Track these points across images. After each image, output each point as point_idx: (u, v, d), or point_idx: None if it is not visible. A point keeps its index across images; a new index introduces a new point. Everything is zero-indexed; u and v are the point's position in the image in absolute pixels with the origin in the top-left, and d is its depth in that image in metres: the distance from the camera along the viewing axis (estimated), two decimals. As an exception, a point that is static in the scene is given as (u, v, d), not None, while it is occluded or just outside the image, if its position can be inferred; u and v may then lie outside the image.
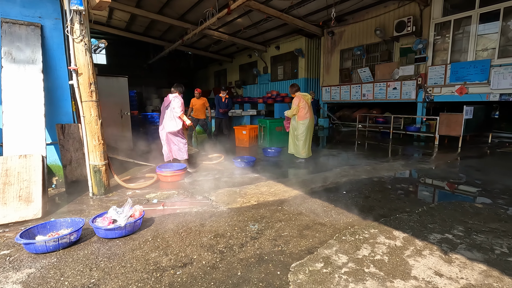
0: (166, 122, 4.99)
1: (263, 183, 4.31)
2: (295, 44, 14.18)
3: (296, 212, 3.15)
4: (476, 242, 2.44)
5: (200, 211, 3.26)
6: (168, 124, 4.98)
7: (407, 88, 9.76)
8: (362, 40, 11.18)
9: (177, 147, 5.11)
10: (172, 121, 4.97)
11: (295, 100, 5.47)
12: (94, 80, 3.64)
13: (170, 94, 5.09)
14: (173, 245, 2.45)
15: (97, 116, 3.70)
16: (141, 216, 2.79)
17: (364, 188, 4.00)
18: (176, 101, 4.94)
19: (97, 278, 2.00)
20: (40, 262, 2.21)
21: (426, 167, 5.26)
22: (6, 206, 2.99)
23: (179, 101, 4.96)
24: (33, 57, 3.66)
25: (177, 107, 4.89)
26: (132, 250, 2.37)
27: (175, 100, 4.94)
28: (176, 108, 4.89)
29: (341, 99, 12.30)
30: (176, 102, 4.92)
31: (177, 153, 5.14)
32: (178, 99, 4.97)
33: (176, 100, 4.95)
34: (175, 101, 4.94)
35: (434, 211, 3.14)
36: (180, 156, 5.13)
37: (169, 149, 5.16)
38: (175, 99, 4.96)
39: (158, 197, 3.78)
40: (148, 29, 15.71)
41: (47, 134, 3.99)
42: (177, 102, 4.93)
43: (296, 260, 2.20)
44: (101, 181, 3.80)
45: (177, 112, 4.90)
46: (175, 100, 4.94)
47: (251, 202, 3.50)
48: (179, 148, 5.11)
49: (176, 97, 4.99)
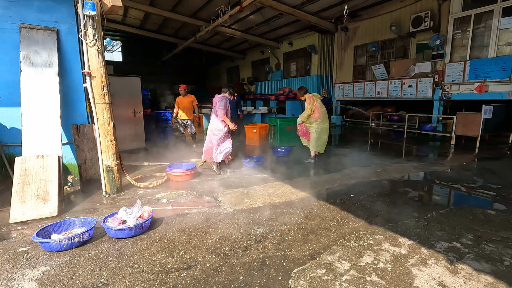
0: (212, 121, 5.03)
1: (271, 184, 4.34)
2: (308, 40, 14.00)
3: (302, 216, 3.16)
4: (485, 252, 2.39)
5: (207, 212, 3.33)
6: (213, 123, 5.01)
7: (423, 85, 9.48)
8: (376, 36, 10.91)
9: (216, 148, 5.04)
10: (216, 121, 4.97)
11: (308, 100, 5.43)
12: (106, 83, 3.75)
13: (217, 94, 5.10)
14: (179, 247, 2.52)
15: (110, 118, 3.82)
16: (150, 216, 2.88)
17: (372, 191, 3.95)
18: (220, 103, 4.88)
19: (106, 277, 2.10)
20: (54, 260, 2.33)
21: (439, 169, 5.13)
22: (25, 204, 3.16)
23: (223, 103, 4.90)
24: (50, 60, 3.80)
25: (219, 110, 4.85)
26: (140, 251, 2.46)
27: (219, 101, 4.91)
28: (219, 111, 4.85)
29: (354, 97, 12.09)
30: (219, 105, 4.87)
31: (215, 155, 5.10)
32: (223, 101, 4.92)
33: (220, 101, 4.90)
34: (219, 102, 4.89)
35: (443, 218, 3.07)
36: (215, 157, 5.07)
37: (209, 148, 5.12)
38: (220, 99, 4.93)
39: (167, 197, 3.88)
40: (161, 27, 15.92)
41: (63, 134, 4.16)
42: (220, 105, 4.87)
43: (298, 265, 2.23)
44: (113, 180, 3.94)
45: (220, 115, 4.86)
46: (219, 102, 4.90)
47: (257, 204, 3.54)
48: (219, 150, 5.05)
49: (222, 98, 4.95)
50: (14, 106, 3.80)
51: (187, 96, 6.95)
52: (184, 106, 6.92)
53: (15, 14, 3.77)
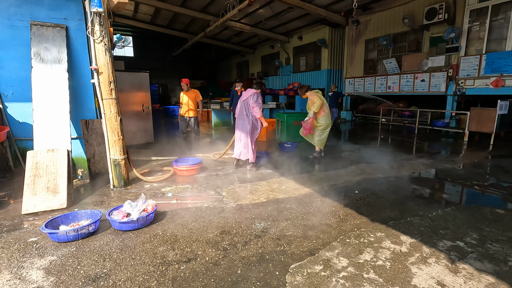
0: (247, 119, 4.76)
1: (275, 180, 4.35)
2: (318, 34, 13.81)
3: (304, 212, 3.17)
4: (489, 251, 2.33)
5: (211, 206, 3.37)
6: (248, 121, 4.75)
7: (437, 80, 9.23)
8: (388, 29, 10.65)
9: (245, 145, 4.82)
10: (249, 119, 4.74)
11: (312, 97, 5.41)
12: (113, 79, 3.82)
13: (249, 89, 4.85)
14: (180, 240, 2.58)
15: (117, 113, 3.90)
16: (154, 210, 2.95)
17: (378, 188, 3.91)
18: (256, 99, 4.64)
19: (109, 268, 2.17)
20: (61, 251, 2.42)
21: (449, 167, 5.01)
22: (36, 196, 3.28)
23: (260, 99, 4.70)
24: (59, 57, 3.90)
25: (257, 107, 4.63)
26: (142, 243, 2.53)
27: (253, 98, 4.65)
28: (257, 107, 4.62)
29: (365, 92, 11.89)
30: (258, 101, 4.65)
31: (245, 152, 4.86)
32: (259, 97, 4.69)
33: (255, 97, 4.65)
34: (257, 97, 4.66)
35: (448, 216, 3.01)
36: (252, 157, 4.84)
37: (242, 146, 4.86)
38: (254, 95, 4.66)
39: (173, 191, 3.95)
40: (171, 22, 16.01)
41: (73, 129, 4.28)
42: (258, 102, 4.65)
43: (296, 261, 2.24)
44: (120, 174, 4.03)
45: (257, 113, 4.66)
46: (254, 97, 4.65)
47: (260, 199, 3.56)
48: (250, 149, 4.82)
49: (256, 95, 4.68)
50: (26, 101, 3.93)
51: (190, 91, 6.37)
52: (187, 102, 6.33)
53: (26, 11, 3.87)
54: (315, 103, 5.36)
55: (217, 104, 10.26)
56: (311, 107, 5.44)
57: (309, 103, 5.55)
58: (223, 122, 10.41)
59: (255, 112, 4.71)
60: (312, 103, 5.43)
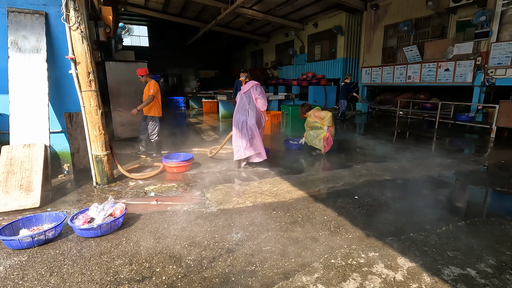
0: (250, 113, 4.26)
1: (269, 180, 3.98)
2: (334, 20, 13.00)
3: (290, 220, 2.79)
4: (508, 285, 1.87)
5: (190, 210, 3.07)
6: (252, 115, 4.25)
7: (463, 69, 8.35)
8: (410, 13, 9.76)
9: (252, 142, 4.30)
10: (255, 112, 4.26)
11: (319, 113, 5.23)
12: (92, 69, 3.55)
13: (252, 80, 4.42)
14: (142, 252, 2.29)
15: (97, 106, 3.65)
16: (122, 215, 2.68)
17: (381, 193, 3.45)
18: (260, 90, 4.19)
19: (52, 285, 1.92)
20: (11, 260, 2.21)
21: (470, 168, 4.42)
22: (8, 195, 3.12)
23: (264, 92, 4.26)
24: (38, 46, 3.67)
25: (263, 99, 4.19)
26: (100, 254, 2.27)
27: (257, 89, 4.20)
28: (262, 99, 4.18)
29: (383, 82, 11.10)
30: (263, 93, 4.20)
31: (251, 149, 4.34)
32: (261, 89, 4.27)
33: (259, 88, 4.21)
34: (259, 90, 4.21)
35: (461, 232, 2.54)
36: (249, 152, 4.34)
37: (247, 144, 4.28)
38: (257, 87, 4.23)
39: (157, 190, 3.69)
40: (183, 10, 15.70)
41: (57, 122, 4.10)
42: (263, 93, 4.20)
43: (265, 286, 1.89)
44: (103, 171, 3.82)
45: (263, 105, 4.23)
46: (258, 89, 4.21)
47: (246, 204, 3.22)
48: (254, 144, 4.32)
49: (258, 86, 4.26)
50: (4, 93, 3.75)
51: (147, 84, 5.12)
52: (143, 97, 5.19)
53: (3, -3, 3.65)
54: (326, 118, 5.12)
55: (223, 95, 9.91)
56: (323, 123, 5.16)
57: (312, 120, 5.31)
58: (231, 114, 10.06)
59: (259, 105, 4.28)
60: (321, 119, 5.20)
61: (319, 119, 5.24)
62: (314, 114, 5.29)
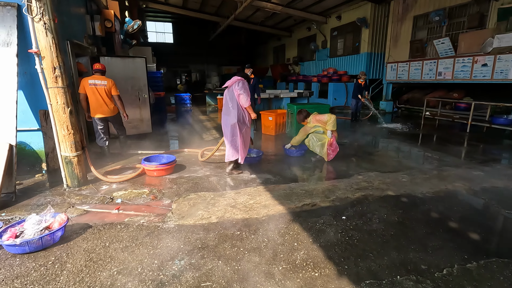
0: (232, 112, 3.91)
1: (249, 190, 3.51)
2: (358, 12, 12.03)
3: (251, 246, 2.32)
4: None
5: (145, 224, 2.71)
6: (234, 114, 3.91)
7: (504, 64, 7.21)
8: (443, 1, 8.64)
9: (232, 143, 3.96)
10: (238, 110, 3.92)
11: (320, 117, 4.70)
12: (59, 64, 3.30)
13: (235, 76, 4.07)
14: (61, 279, 1.95)
15: (65, 104, 3.40)
16: (60, 227, 2.38)
17: (377, 214, 2.84)
18: (241, 85, 3.86)
19: None
20: None
21: (501, 186, 3.61)
22: (-36, 197, 2.97)
23: (246, 86, 3.94)
24: (8, 40, 3.50)
25: (245, 94, 3.83)
26: (14, 278, 1.96)
27: (239, 84, 3.87)
28: (244, 95, 3.82)
29: (410, 79, 10.05)
30: (245, 87, 3.89)
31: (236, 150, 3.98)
32: (245, 83, 3.95)
33: (241, 83, 3.88)
34: (243, 85, 3.89)
35: (468, 277, 1.91)
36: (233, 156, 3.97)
37: (231, 146, 3.97)
38: (239, 82, 3.91)
39: (125, 196, 3.39)
40: (202, 6, 15.57)
41: (34, 120, 3.94)
42: (246, 88, 3.90)
43: None
44: (73, 173, 3.59)
45: (245, 102, 3.85)
46: (243, 84, 3.90)
47: (210, 219, 2.79)
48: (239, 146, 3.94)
49: (241, 81, 3.94)
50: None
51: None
52: None
53: (-24, -11, 3.51)
54: (329, 122, 4.58)
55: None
56: (326, 127, 4.63)
57: (312, 125, 4.77)
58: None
59: (241, 101, 3.86)
60: (324, 123, 4.65)
61: (321, 123, 4.67)
62: (315, 118, 4.71)
